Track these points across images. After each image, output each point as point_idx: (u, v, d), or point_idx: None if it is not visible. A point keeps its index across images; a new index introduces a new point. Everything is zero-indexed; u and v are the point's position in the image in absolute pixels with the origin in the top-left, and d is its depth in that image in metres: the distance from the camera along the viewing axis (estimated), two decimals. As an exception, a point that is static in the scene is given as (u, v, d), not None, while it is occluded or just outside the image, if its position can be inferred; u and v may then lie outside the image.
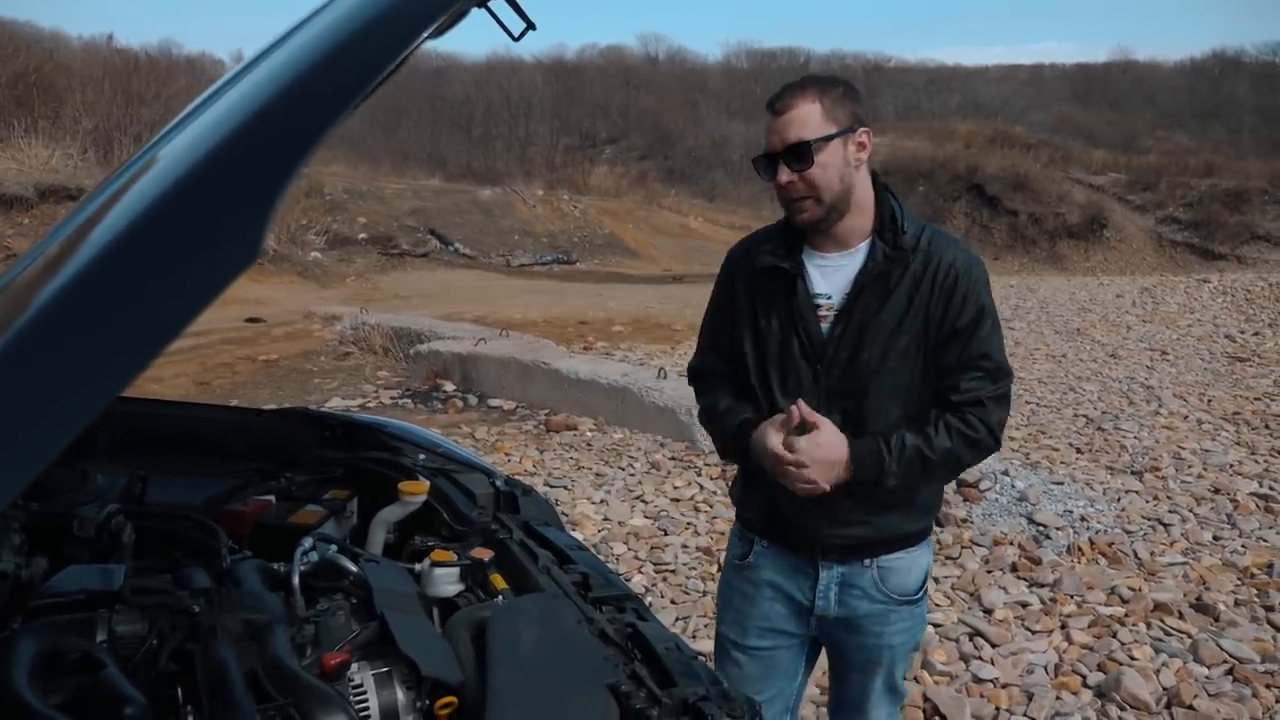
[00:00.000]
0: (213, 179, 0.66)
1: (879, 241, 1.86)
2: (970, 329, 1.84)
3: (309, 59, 0.72)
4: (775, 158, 1.81)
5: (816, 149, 1.78)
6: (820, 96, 1.80)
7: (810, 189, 1.80)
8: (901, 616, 2.00)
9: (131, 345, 0.66)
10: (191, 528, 1.86)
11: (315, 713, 1.28)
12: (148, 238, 0.66)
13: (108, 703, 1.25)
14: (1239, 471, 5.64)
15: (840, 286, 1.88)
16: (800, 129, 1.78)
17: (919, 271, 1.84)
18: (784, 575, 2.02)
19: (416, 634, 1.49)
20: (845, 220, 1.86)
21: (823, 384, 1.89)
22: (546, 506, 2.19)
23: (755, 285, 1.96)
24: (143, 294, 0.66)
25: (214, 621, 1.43)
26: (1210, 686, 3.29)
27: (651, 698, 1.37)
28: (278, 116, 0.68)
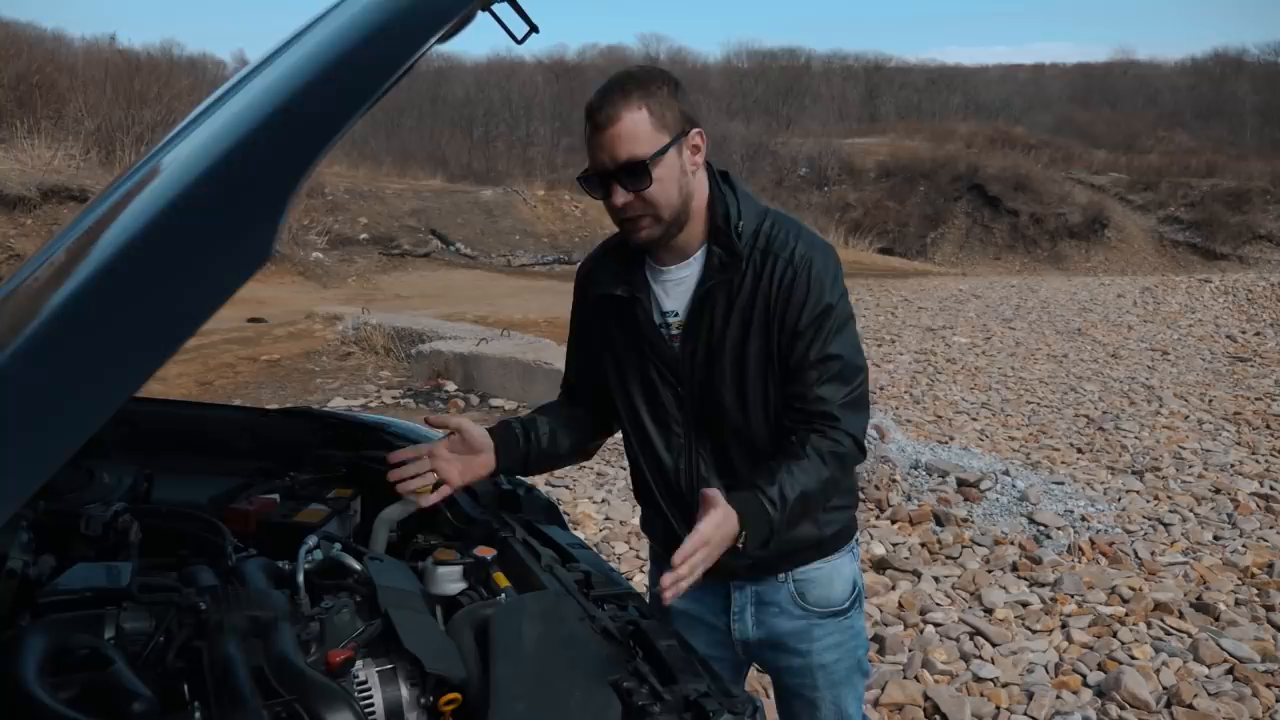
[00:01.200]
0: (226, 180, 0.68)
1: (714, 247, 1.70)
2: (813, 327, 1.67)
3: (320, 64, 0.74)
4: (605, 177, 1.62)
5: (652, 164, 1.59)
6: (645, 102, 1.59)
7: (648, 207, 1.62)
8: (828, 631, 1.84)
9: (146, 343, 0.67)
10: (197, 526, 1.87)
11: (320, 709, 1.29)
12: (162, 239, 0.68)
13: (116, 698, 1.26)
14: (1240, 471, 5.65)
15: (685, 299, 1.74)
16: (631, 144, 1.58)
17: (759, 271, 1.68)
18: (694, 601, 1.83)
19: (420, 631, 1.50)
20: (683, 231, 1.70)
21: (687, 406, 1.77)
22: (548, 505, 2.21)
23: (602, 310, 1.82)
24: (157, 294, 0.67)
25: (220, 618, 1.44)
26: (1210, 686, 3.30)
27: (654, 694, 1.38)
28: (289, 120, 0.69)
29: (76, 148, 14.92)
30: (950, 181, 29.74)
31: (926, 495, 4.89)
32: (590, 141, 1.62)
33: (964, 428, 6.67)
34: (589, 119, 1.62)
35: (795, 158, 33.33)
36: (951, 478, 5.11)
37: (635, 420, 1.84)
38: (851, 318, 1.75)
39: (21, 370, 0.69)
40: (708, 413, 1.76)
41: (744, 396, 1.73)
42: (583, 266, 1.93)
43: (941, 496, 4.93)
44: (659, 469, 1.84)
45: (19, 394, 0.71)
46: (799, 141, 35.08)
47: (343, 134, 0.70)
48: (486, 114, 40.11)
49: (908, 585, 4.01)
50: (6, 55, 16.76)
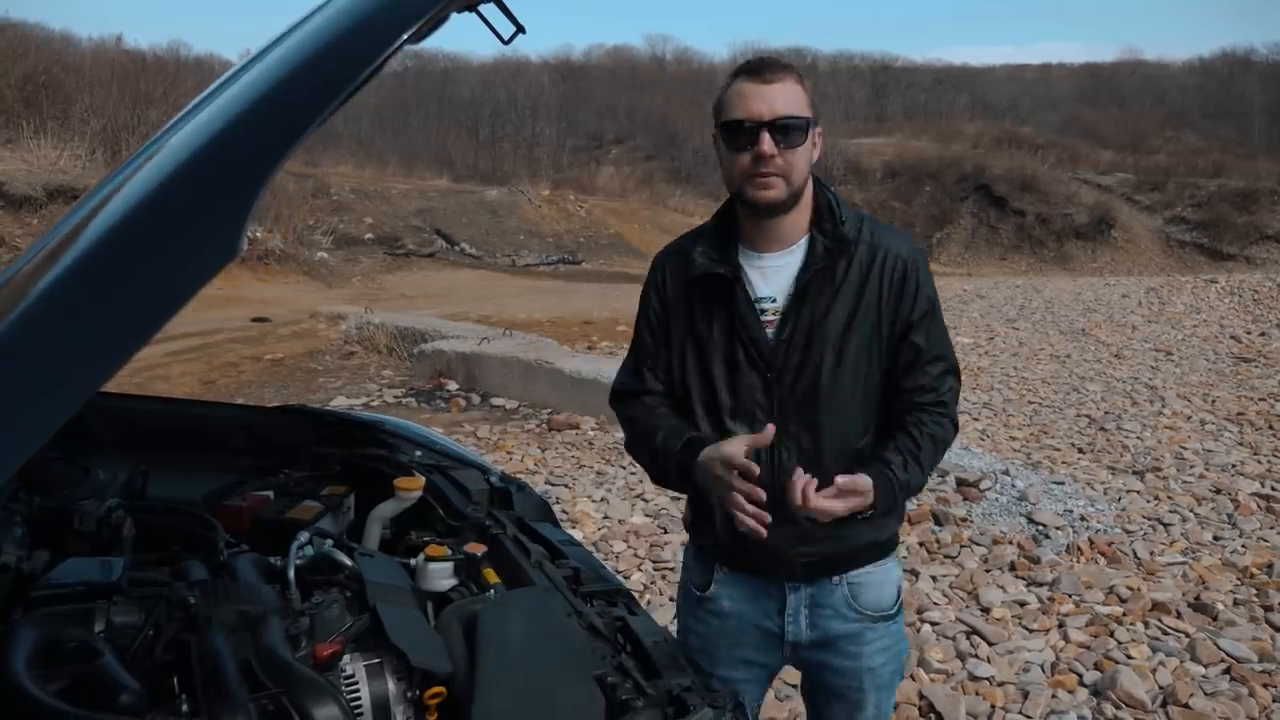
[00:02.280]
0: (193, 181, 0.69)
1: (818, 235, 1.75)
2: (924, 323, 1.77)
3: (288, 65, 0.75)
4: (758, 127, 1.66)
5: (809, 128, 1.70)
6: (801, 80, 1.72)
7: (785, 167, 1.68)
8: (879, 635, 1.86)
9: (117, 338, 0.68)
10: (190, 522, 1.89)
11: (307, 702, 1.30)
12: (131, 238, 0.69)
13: (105, 690, 1.28)
14: (1241, 472, 5.64)
15: (783, 287, 1.76)
16: (792, 104, 1.67)
17: (865, 264, 1.75)
18: (748, 602, 1.87)
19: (407, 626, 1.51)
20: (791, 214, 1.75)
21: (775, 393, 1.76)
22: (540, 502, 2.22)
23: (691, 294, 1.81)
24: (127, 290, 0.68)
25: (209, 613, 1.46)
26: (1207, 685, 3.29)
27: (637, 689, 1.39)
28: (255, 121, 0.70)
29: (82, 148, 14.98)
30: (956, 182, 29.69)
31: (925, 495, 4.88)
32: (744, 94, 1.67)
33: (965, 427, 6.67)
34: (748, 73, 1.69)
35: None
36: (951, 477, 5.11)
37: (713, 406, 1.81)
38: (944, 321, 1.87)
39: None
40: (798, 399, 1.76)
41: (838, 384, 1.75)
42: (664, 254, 1.91)
43: (940, 496, 4.93)
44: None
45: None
46: (805, 141, 34.95)
47: (309, 135, 0.71)
48: (493, 114, 40.14)
49: (905, 584, 4.01)
50: (13, 55, 16.83)
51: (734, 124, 1.68)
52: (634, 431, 1.92)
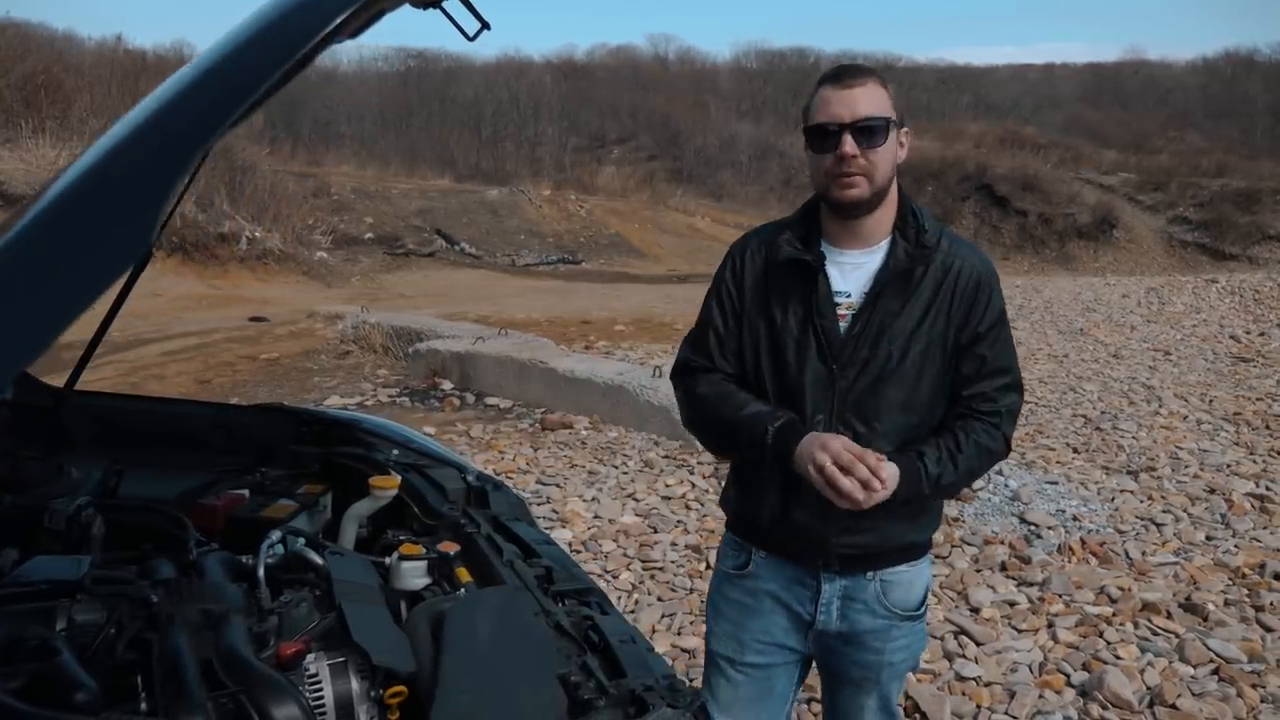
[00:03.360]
0: (107, 175, 0.68)
1: (900, 239, 1.81)
2: (991, 335, 1.83)
3: (210, 62, 0.74)
4: (841, 129, 1.74)
5: (891, 129, 1.76)
6: (882, 83, 1.80)
7: (868, 168, 1.75)
8: (903, 633, 1.93)
9: (26, 329, 0.68)
10: (161, 520, 1.88)
11: (266, 701, 1.30)
12: (45, 233, 0.68)
13: (61, 688, 1.27)
14: (1236, 471, 5.62)
15: (860, 285, 1.82)
16: (873, 106, 1.75)
17: (940, 273, 1.80)
18: (784, 586, 1.94)
19: (371, 625, 1.51)
20: (874, 214, 1.81)
21: (838, 384, 1.81)
22: (517, 502, 2.21)
23: (771, 279, 1.87)
24: (39, 282, 0.68)
25: (171, 611, 1.46)
26: (1195, 686, 3.28)
27: (599, 688, 1.39)
28: (171, 116, 0.70)
29: (81, 147, 14.95)
30: (959, 181, 29.66)
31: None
32: (828, 99, 1.77)
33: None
34: (831, 79, 1.79)
35: (803, 158, 33.16)
36: (944, 477, 5.09)
37: (780, 395, 1.86)
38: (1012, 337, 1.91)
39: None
40: (857, 394, 1.82)
41: (900, 384, 1.81)
42: (745, 240, 1.96)
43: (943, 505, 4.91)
44: None
45: None
46: (807, 141, 34.94)
47: (226, 129, 0.70)
48: (495, 114, 40.13)
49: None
50: (13, 55, 16.86)
51: (818, 128, 1.77)
52: (703, 404, 1.93)
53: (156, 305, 11.07)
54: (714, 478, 5.22)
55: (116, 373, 7.80)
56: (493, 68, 45.71)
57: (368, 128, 38.49)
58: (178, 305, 11.66)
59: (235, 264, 14.10)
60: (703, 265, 20.18)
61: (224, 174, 15.33)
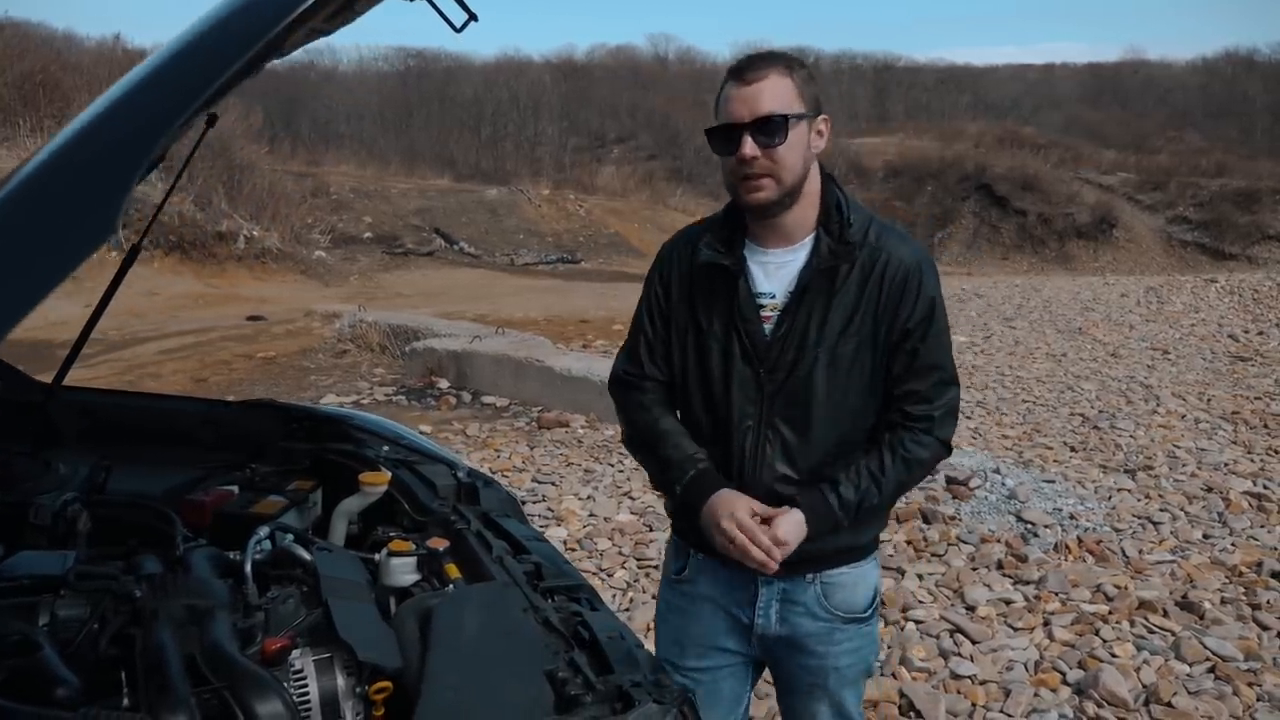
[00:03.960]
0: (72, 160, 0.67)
1: (824, 235, 1.74)
2: (921, 331, 1.74)
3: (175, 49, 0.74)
4: (740, 130, 1.66)
5: (790, 124, 1.66)
6: (790, 72, 1.69)
7: (773, 168, 1.67)
8: (848, 636, 1.86)
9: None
10: (148, 516, 1.87)
11: (250, 697, 1.29)
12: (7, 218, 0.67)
13: (42, 684, 1.26)
14: (1233, 470, 5.61)
15: (785, 285, 1.75)
16: (773, 101, 1.65)
17: (867, 267, 1.72)
18: (722, 590, 1.89)
19: (357, 621, 1.50)
20: (793, 211, 1.74)
21: (766, 389, 1.77)
22: (508, 498, 2.20)
23: (694, 283, 1.82)
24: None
25: (156, 607, 1.44)
26: (1191, 684, 3.27)
27: (586, 684, 1.37)
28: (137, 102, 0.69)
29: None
30: (958, 181, 29.66)
31: (914, 493, 4.85)
32: (729, 97, 1.68)
33: (957, 426, 6.63)
34: (733, 76, 1.69)
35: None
36: (940, 475, 5.09)
37: (706, 396, 1.83)
38: (948, 330, 1.82)
39: None
40: (786, 397, 1.76)
41: (830, 385, 1.75)
42: (671, 243, 1.91)
43: (930, 494, 4.90)
44: (724, 447, 1.82)
45: None
46: (806, 141, 34.97)
47: (192, 112, 0.69)
48: (495, 113, 40.14)
49: (890, 582, 3.99)
50: (12, 55, 16.85)
51: (718, 129, 1.70)
52: (635, 432, 1.93)
53: (153, 304, 11.06)
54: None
55: (112, 371, 7.79)
56: (492, 67, 45.76)
57: (367, 127, 38.49)
58: (175, 304, 11.65)
59: (233, 263, 14.10)
60: (701, 265, 20.11)
61: (222, 173, 15.32)
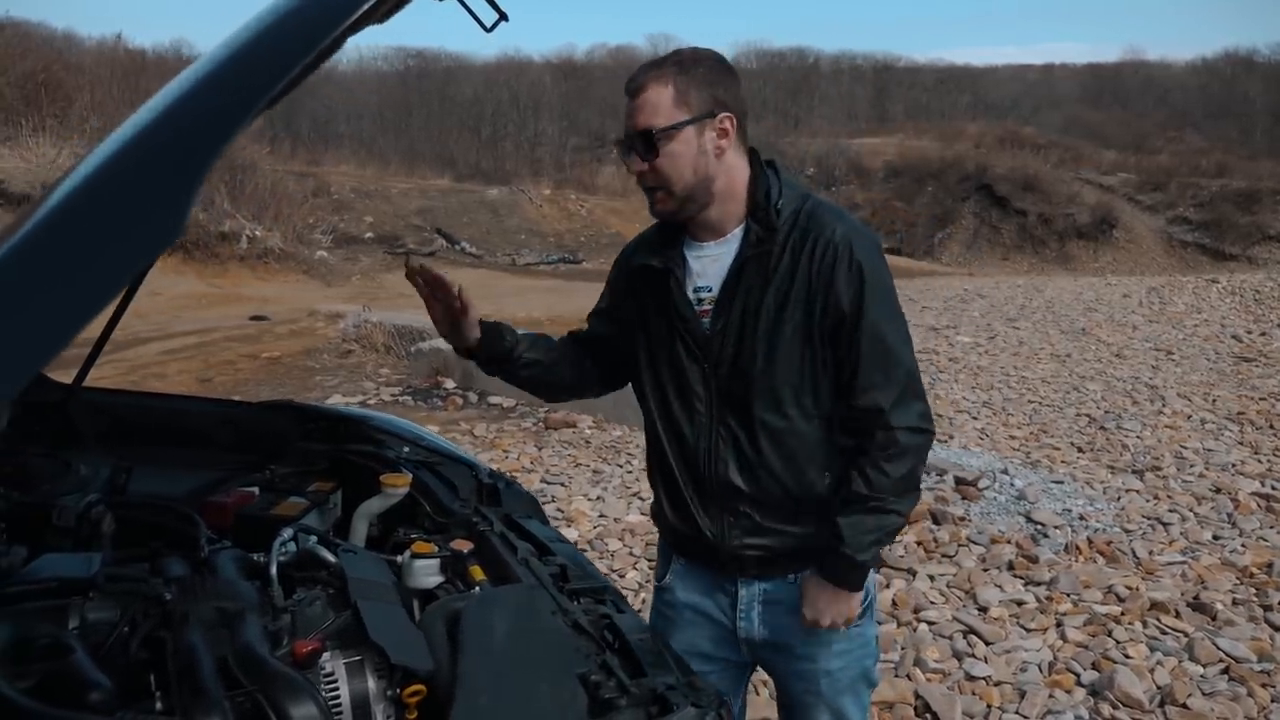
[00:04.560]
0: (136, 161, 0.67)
1: (752, 224, 1.70)
2: (855, 311, 1.66)
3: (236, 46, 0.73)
4: (627, 145, 1.67)
5: (663, 139, 1.62)
6: (675, 79, 1.64)
7: (659, 180, 1.66)
8: (838, 639, 1.80)
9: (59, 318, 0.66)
10: (171, 518, 1.86)
11: (283, 700, 1.28)
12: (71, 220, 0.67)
13: (75, 688, 1.25)
14: (1241, 471, 5.60)
15: (720, 276, 1.73)
16: (649, 115, 1.63)
17: (797, 249, 1.68)
18: (702, 594, 1.87)
19: (388, 623, 1.49)
20: (712, 209, 1.71)
21: (713, 385, 1.75)
22: (529, 499, 2.20)
23: (637, 285, 1.83)
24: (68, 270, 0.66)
25: (186, 609, 1.44)
26: (1205, 685, 3.27)
27: (620, 687, 1.37)
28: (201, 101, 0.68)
29: (82, 146, 14.96)
30: (958, 181, 29.66)
31: (924, 494, 4.86)
32: (625, 111, 1.69)
33: (964, 426, 6.64)
34: (626, 87, 1.68)
35: (803, 157, 33.26)
36: (950, 476, 5.09)
37: (660, 397, 1.83)
38: (896, 305, 1.73)
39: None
40: (733, 391, 1.74)
41: (773, 375, 1.70)
42: (627, 246, 1.95)
43: (939, 495, 4.90)
44: (680, 447, 1.82)
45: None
46: (807, 141, 35.05)
47: (257, 113, 0.69)
48: (495, 113, 40.13)
49: (902, 583, 3.99)
50: (13, 54, 16.83)
51: (619, 143, 1.71)
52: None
53: (156, 304, 11.04)
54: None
55: (116, 371, 7.78)
56: (492, 67, 45.72)
57: (367, 127, 38.47)
58: (177, 304, 11.63)
59: (235, 263, 14.08)
60: (703, 265, 20.11)
61: (224, 173, 15.31)
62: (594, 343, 1.99)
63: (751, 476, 1.75)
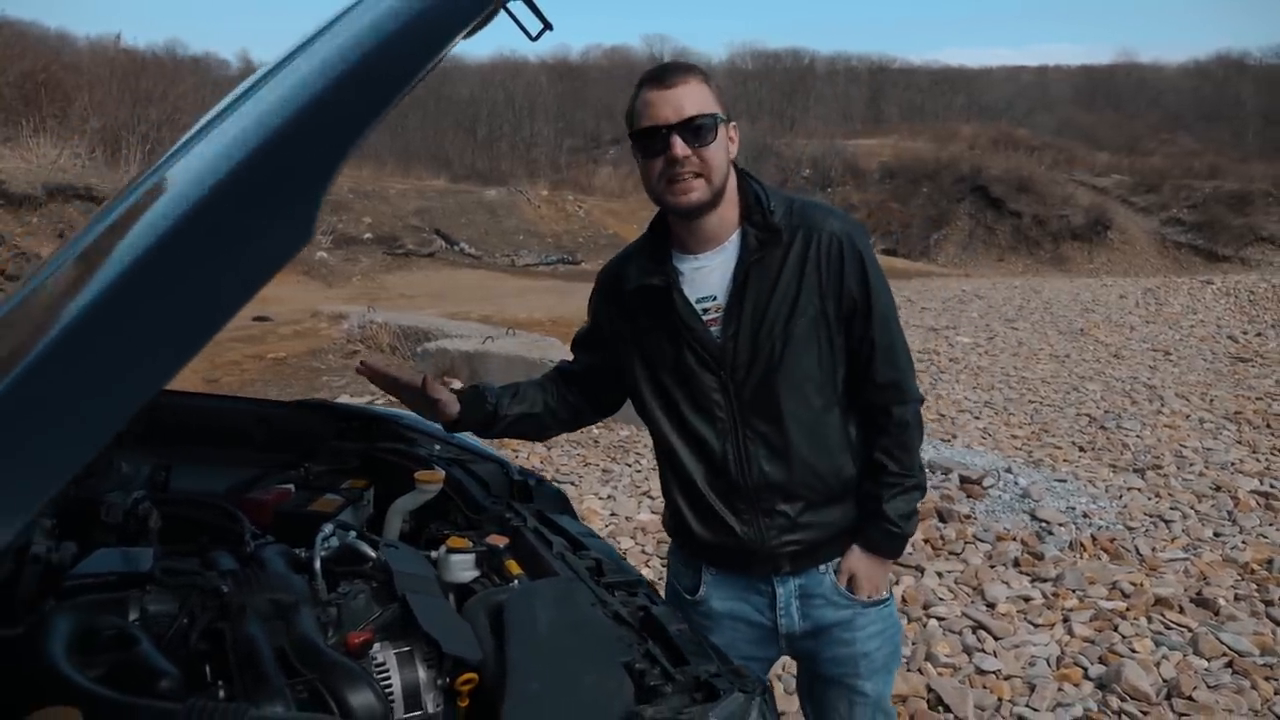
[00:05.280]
0: (264, 167, 0.71)
1: (749, 227, 1.75)
2: (865, 297, 1.76)
3: (350, 58, 0.77)
4: (668, 131, 1.68)
5: (711, 128, 1.69)
6: (706, 80, 1.73)
7: (703, 167, 1.69)
8: (871, 620, 1.88)
9: (189, 325, 0.70)
10: (215, 514, 1.91)
11: (342, 688, 1.32)
12: (204, 222, 0.71)
13: (143, 676, 1.29)
14: (1240, 469, 5.67)
15: (722, 284, 1.76)
16: (700, 104, 1.68)
17: (801, 248, 1.74)
18: (739, 600, 1.90)
19: (437, 615, 1.53)
20: (718, 211, 1.75)
21: (731, 390, 1.78)
22: (559, 496, 2.25)
23: (632, 307, 1.84)
24: (200, 277, 0.70)
25: (242, 601, 1.48)
26: (1210, 679, 3.33)
27: (665, 675, 1.41)
28: (323, 112, 0.72)
29: (82, 146, 14.97)
30: (953, 183, 29.76)
31: (930, 492, 4.91)
32: (649, 101, 1.70)
33: (966, 426, 6.70)
34: (652, 81, 1.71)
35: (799, 159, 33.35)
36: (954, 475, 5.14)
37: (673, 413, 1.84)
38: (892, 298, 1.84)
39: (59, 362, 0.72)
40: (754, 393, 1.77)
41: (794, 370, 1.75)
42: (604, 270, 1.96)
43: (945, 493, 4.96)
44: (704, 456, 1.83)
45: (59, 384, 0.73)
46: (803, 142, 35.12)
47: (377, 122, 0.73)
48: (490, 114, 40.17)
49: (911, 580, 4.04)
50: (12, 54, 16.82)
51: (644, 131, 1.70)
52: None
53: (158, 305, 11.03)
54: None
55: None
56: (488, 68, 45.73)
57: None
58: (179, 305, 11.61)
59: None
60: (700, 265, 20.13)
61: (223, 173, 15.27)
62: (585, 375, 2.02)
63: (786, 471, 1.79)
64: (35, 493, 0.72)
